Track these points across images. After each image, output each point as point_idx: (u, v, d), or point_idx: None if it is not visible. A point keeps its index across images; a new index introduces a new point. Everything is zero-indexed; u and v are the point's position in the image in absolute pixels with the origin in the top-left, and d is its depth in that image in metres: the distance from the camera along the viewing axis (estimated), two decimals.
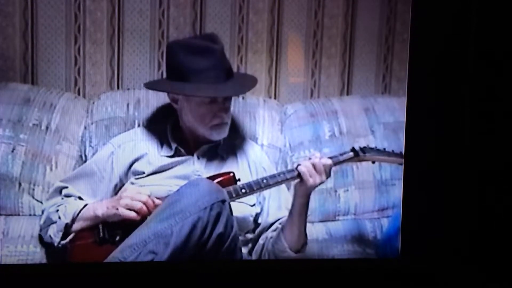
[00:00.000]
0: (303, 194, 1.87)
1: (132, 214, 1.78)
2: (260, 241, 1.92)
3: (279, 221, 1.93)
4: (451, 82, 1.96)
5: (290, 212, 1.89)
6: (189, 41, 1.98)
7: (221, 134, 1.92)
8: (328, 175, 1.88)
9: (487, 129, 1.96)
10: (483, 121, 1.96)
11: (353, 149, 1.95)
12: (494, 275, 1.95)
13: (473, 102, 1.96)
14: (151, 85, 1.99)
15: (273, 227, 1.93)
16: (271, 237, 1.90)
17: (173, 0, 2.04)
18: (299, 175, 1.87)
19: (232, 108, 1.96)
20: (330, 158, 1.92)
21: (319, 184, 1.87)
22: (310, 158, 1.89)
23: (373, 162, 2.00)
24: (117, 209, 1.79)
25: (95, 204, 1.84)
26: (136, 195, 1.80)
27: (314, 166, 1.86)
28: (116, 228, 1.79)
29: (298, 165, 1.88)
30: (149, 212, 1.78)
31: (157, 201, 1.80)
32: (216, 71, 1.88)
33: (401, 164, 1.97)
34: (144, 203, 1.79)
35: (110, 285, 1.85)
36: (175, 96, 1.92)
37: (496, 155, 1.96)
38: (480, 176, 1.97)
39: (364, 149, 1.96)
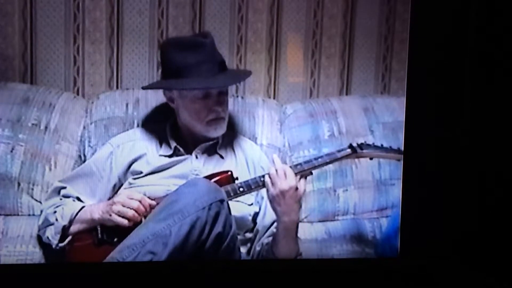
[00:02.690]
0: (275, 208, 1.82)
1: (124, 222, 1.77)
2: (257, 247, 1.92)
3: (274, 225, 1.91)
4: (450, 81, 1.96)
5: (276, 230, 1.86)
6: (179, 38, 2.00)
7: (218, 130, 1.92)
8: (293, 179, 1.81)
9: (486, 128, 1.96)
10: (483, 120, 1.96)
11: (350, 146, 1.95)
12: (493, 275, 1.95)
13: (472, 101, 1.96)
14: (147, 86, 2.00)
15: (269, 232, 1.92)
16: (266, 244, 1.90)
17: None
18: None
19: (231, 108, 1.96)
20: (328, 155, 1.92)
21: (287, 190, 1.81)
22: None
23: (371, 159, 1.99)
24: (110, 215, 1.78)
25: (92, 207, 1.84)
26: (127, 201, 1.79)
27: (276, 171, 1.82)
28: (115, 229, 1.78)
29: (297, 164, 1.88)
30: (144, 216, 1.78)
31: (151, 203, 1.80)
32: (208, 65, 1.88)
33: (399, 160, 1.97)
34: (136, 210, 1.78)
35: (109, 285, 1.85)
36: (171, 95, 1.92)
37: (495, 155, 1.96)
38: (479, 176, 1.97)
39: (361, 146, 1.95)
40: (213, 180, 1.82)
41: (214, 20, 2.06)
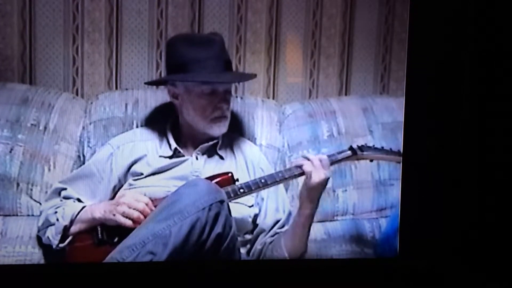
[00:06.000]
0: (309, 196, 1.86)
1: (128, 222, 1.78)
2: (258, 246, 1.92)
3: (278, 225, 1.93)
4: (449, 82, 1.96)
5: (294, 222, 1.89)
6: (188, 34, 2.01)
7: (221, 129, 1.92)
8: (328, 170, 1.88)
9: (485, 129, 1.97)
10: (481, 121, 1.96)
11: (351, 148, 1.96)
12: (493, 275, 1.95)
13: (471, 102, 1.96)
14: (152, 81, 2.00)
15: (271, 232, 1.93)
16: (270, 243, 1.91)
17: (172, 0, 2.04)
18: (300, 175, 1.87)
19: (231, 108, 1.96)
20: (328, 156, 1.92)
21: (323, 180, 1.86)
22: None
23: (371, 161, 2.00)
24: (114, 215, 1.78)
25: (93, 206, 1.84)
26: (133, 203, 1.79)
27: (312, 162, 1.87)
28: (115, 229, 1.79)
29: (298, 166, 1.88)
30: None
31: (156, 205, 1.80)
32: (215, 61, 1.89)
33: (399, 162, 1.97)
34: (141, 212, 1.78)
35: (109, 286, 1.85)
36: (175, 91, 1.92)
37: (494, 155, 1.97)
38: (479, 176, 1.98)
39: (362, 148, 1.96)
40: (213, 181, 1.82)
41: (213, 20, 2.06)
